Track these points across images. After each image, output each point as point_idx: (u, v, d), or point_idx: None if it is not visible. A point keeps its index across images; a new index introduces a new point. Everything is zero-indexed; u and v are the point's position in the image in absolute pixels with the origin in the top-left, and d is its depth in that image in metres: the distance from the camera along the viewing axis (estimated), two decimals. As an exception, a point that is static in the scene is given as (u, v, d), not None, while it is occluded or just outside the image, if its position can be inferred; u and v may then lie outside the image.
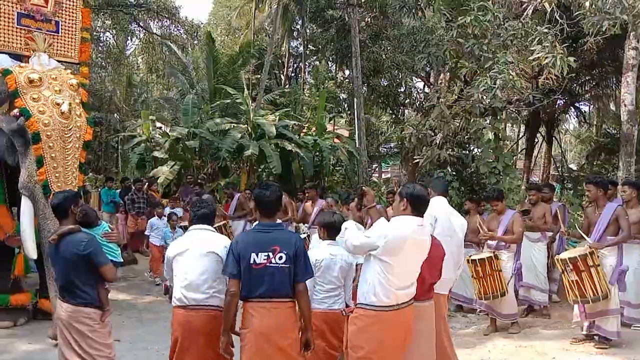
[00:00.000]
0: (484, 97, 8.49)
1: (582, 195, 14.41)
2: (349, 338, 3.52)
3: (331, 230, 4.15)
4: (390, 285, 3.40)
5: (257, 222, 3.78)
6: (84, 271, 3.63)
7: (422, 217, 3.57)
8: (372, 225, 3.81)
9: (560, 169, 19.61)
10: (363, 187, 4.38)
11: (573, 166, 23.38)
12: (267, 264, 3.35)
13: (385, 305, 3.40)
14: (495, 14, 8.32)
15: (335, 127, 20.79)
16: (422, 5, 11.66)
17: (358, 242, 3.50)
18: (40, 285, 6.62)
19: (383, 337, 3.41)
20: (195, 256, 3.68)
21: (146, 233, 9.58)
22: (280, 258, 3.36)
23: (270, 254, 3.36)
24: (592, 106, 20.34)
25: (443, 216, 4.59)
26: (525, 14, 8.75)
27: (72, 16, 6.96)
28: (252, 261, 3.36)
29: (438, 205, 4.66)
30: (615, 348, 5.66)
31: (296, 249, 3.41)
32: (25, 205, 5.65)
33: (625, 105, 8.51)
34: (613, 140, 15.44)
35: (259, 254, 3.36)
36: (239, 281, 3.38)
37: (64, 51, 6.90)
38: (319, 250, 4.08)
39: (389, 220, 3.64)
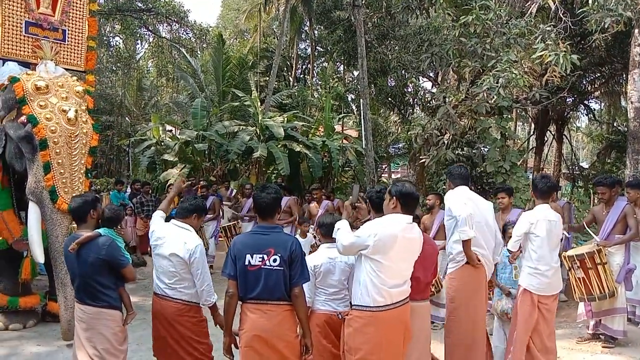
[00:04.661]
0: (489, 96, 8.46)
1: (594, 194, 14.29)
2: (345, 341, 3.48)
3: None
4: (383, 283, 3.36)
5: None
6: (105, 274, 3.75)
7: (412, 215, 3.54)
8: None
9: (571, 168, 19.39)
10: (357, 204, 4.38)
11: (585, 164, 23.10)
12: (262, 266, 3.36)
13: (379, 305, 3.36)
14: (498, 12, 8.28)
15: (344, 128, 20.79)
16: (425, 5, 11.61)
17: (347, 242, 3.45)
18: (50, 288, 6.73)
19: (380, 338, 3.35)
20: (164, 254, 3.90)
21: None
22: (275, 260, 3.35)
23: (265, 256, 3.37)
24: (602, 103, 20.11)
25: (471, 204, 4.38)
26: (529, 12, 8.71)
27: (79, 25, 7.12)
28: (246, 263, 3.38)
29: (461, 195, 4.46)
30: (621, 347, 5.64)
31: (291, 252, 3.39)
32: (33, 210, 5.73)
33: (632, 103, 8.38)
34: (624, 137, 15.20)
35: (254, 255, 3.37)
36: (236, 282, 3.41)
37: (71, 59, 7.05)
38: (316, 255, 4.03)
39: None
